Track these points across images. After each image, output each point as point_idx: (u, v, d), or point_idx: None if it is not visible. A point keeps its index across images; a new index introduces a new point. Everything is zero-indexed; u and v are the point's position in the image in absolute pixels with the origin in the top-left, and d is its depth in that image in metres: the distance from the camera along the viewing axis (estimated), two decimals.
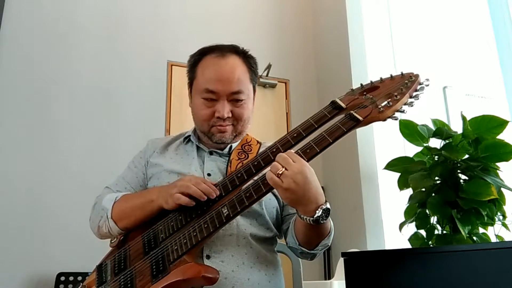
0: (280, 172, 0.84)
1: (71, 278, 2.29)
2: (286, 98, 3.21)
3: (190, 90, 1.19)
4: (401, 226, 1.57)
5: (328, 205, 0.89)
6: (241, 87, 1.10)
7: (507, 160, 1.38)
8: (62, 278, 2.28)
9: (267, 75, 3.10)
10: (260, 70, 3.04)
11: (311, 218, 0.88)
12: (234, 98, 1.10)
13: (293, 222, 1.06)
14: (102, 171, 2.44)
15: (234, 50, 1.14)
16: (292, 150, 0.90)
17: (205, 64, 1.13)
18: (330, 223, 0.99)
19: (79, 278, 2.28)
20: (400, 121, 1.56)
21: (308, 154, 0.89)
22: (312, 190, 0.86)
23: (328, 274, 2.71)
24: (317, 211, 0.87)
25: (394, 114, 0.91)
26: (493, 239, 1.39)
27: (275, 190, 1.07)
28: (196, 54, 1.17)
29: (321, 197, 0.89)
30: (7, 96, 2.53)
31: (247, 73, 1.14)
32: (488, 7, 2.54)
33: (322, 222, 0.89)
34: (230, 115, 1.11)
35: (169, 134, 2.74)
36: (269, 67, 3.05)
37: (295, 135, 0.95)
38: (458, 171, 1.45)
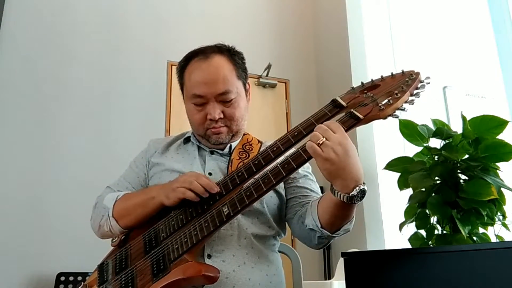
0: (321, 142, 0.83)
1: (71, 278, 2.29)
2: (286, 98, 3.21)
3: (183, 96, 1.19)
4: (401, 226, 1.56)
5: (365, 187, 0.86)
6: (228, 87, 1.09)
7: (507, 160, 1.38)
8: (62, 278, 2.28)
9: (267, 75, 3.10)
10: (260, 70, 3.08)
11: (347, 195, 0.85)
12: (223, 99, 1.10)
13: (316, 203, 1.01)
14: (102, 171, 2.43)
15: (218, 49, 1.13)
16: (293, 148, 0.90)
17: (190, 69, 1.12)
18: (354, 210, 0.96)
19: (79, 278, 2.28)
20: (400, 121, 1.56)
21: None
22: (352, 164, 0.84)
23: (328, 274, 2.71)
24: (355, 189, 0.84)
25: (394, 112, 0.91)
26: (493, 239, 1.39)
27: (277, 187, 1.05)
28: (182, 61, 1.17)
29: (361, 177, 0.86)
30: (7, 96, 2.53)
31: (234, 71, 1.12)
32: (488, 7, 2.54)
33: (355, 202, 0.86)
34: (221, 116, 1.10)
35: (169, 134, 2.74)
36: (269, 67, 3.05)
37: (295, 133, 0.95)
38: (458, 171, 1.44)
